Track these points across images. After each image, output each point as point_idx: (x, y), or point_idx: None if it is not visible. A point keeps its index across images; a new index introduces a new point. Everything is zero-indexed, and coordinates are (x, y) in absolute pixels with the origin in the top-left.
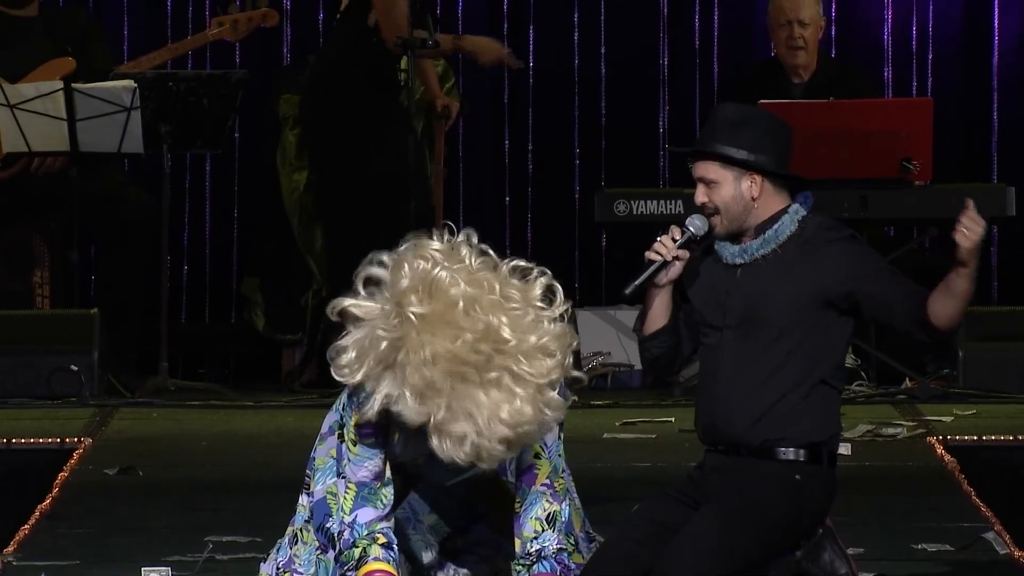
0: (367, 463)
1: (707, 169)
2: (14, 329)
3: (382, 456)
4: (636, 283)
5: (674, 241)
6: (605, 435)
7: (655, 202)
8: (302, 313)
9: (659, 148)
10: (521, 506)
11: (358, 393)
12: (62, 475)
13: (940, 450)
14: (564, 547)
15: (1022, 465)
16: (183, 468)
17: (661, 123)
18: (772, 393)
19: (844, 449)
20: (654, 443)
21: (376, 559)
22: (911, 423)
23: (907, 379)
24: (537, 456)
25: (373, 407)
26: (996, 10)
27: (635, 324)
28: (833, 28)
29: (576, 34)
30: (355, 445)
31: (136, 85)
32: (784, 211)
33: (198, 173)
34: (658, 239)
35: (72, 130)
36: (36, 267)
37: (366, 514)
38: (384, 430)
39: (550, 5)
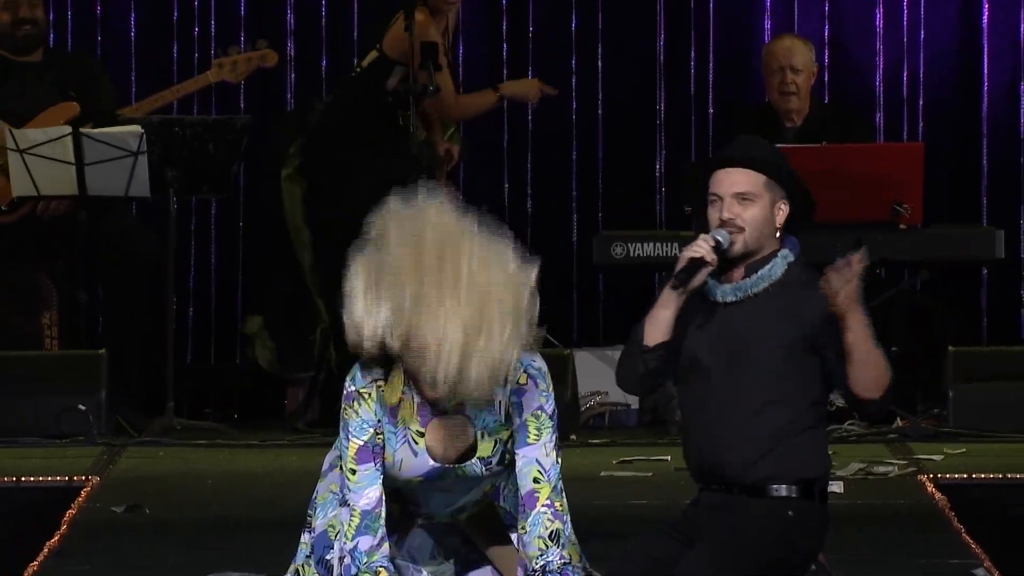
0: (368, 490)
1: (750, 183)
2: (24, 369)
3: (380, 483)
4: (682, 273)
5: (711, 245)
6: (603, 473)
7: (652, 244)
8: (312, 350)
9: (655, 192)
10: (525, 528)
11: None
12: (70, 512)
13: (931, 488)
14: (568, 561)
15: (1011, 503)
16: (189, 506)
17: (658, 167)
18: (763, 431)
19: (837, 487)
20: (650, 481)
21: None
22: (902, 462)
23: (898, 419)
24: (536, 480)
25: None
26: (986, 58)
27: (635, 333)
28: (826, 74)
29: (574, 79)
30: (354, 473)
31: (143, 130)
32: (775, 253)
33: (203, 217)
34: (696, 240)
35: (80, 174)
36: (45, 308)
37: (366, 542)
38: (380, 453)
39: (548, 50)
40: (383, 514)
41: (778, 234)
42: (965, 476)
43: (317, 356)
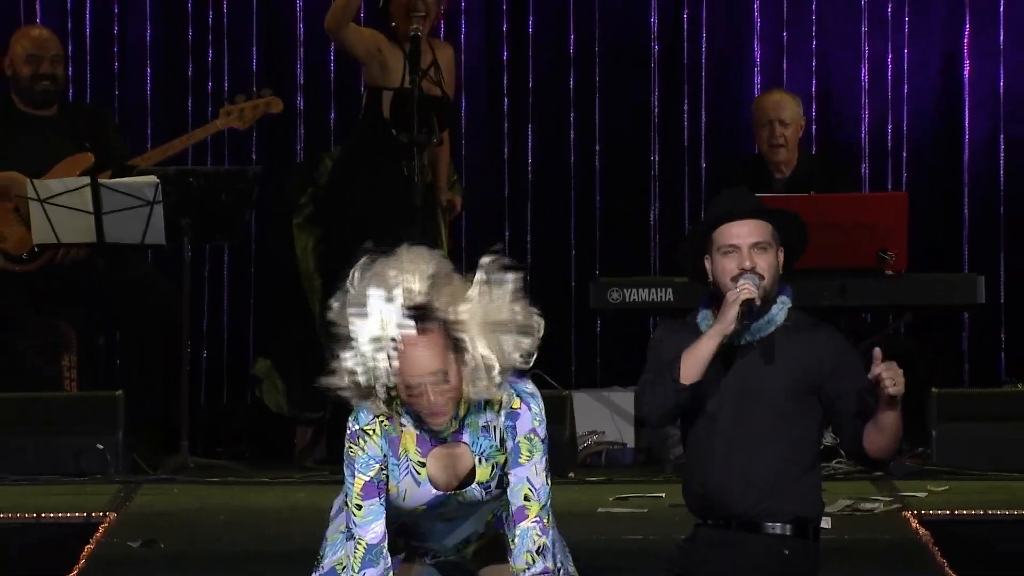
0: (373, 524)
1: (761, 232)
2: (44, 410)
3: (384, 518)
4: (742, 314)
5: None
6: (600, 509)
7: (646, 290)
8: (319, 392)
9: (650, 239)
10: (513, 542)
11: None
12: (88, 547)
13: (915, 524)
14: (550, 572)
15: (992, 538)
16: (203, 541)
17: (652, 216)
18: (765, 470)
19: (825, 523)
20: (646, 517)
21: None
22: (887, 498)
23: None
24: (527, 498)
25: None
26: (967, 111)
27: (672, 371)
28: (814, 126)
29: (572, 132)
30: (360, 508)
31: (158, 180)
32: (775, 299)
33: (216, 263)
34: (741, 285)
35: (98, 223)
36: (64, 352)
37: (372, 574)
38: (384, 488)
39: (548, 104)
40: (386, 547)
41: (778, 281)
42: (948, 513)
43: (324, 398)
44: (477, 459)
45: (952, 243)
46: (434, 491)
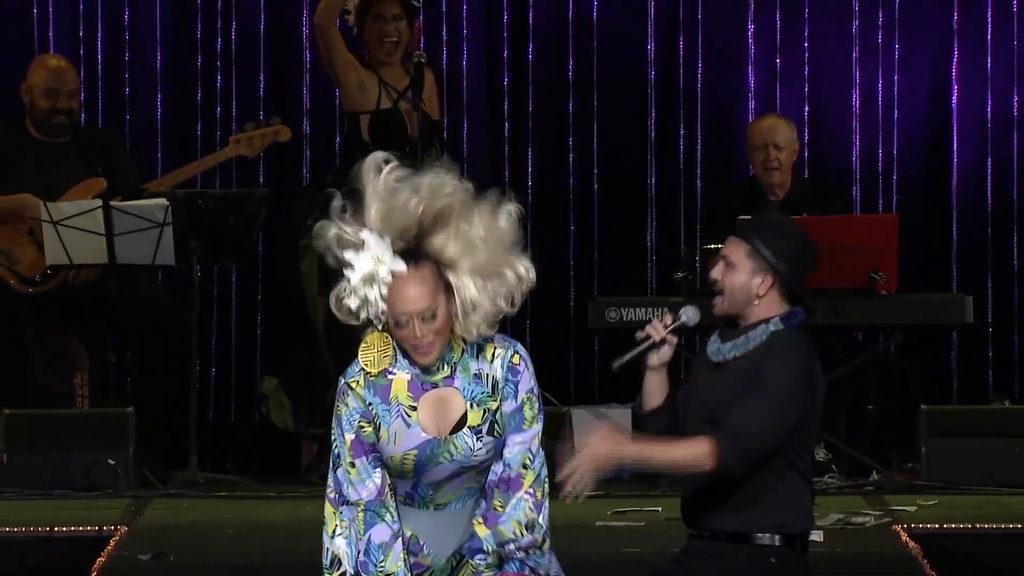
0: (368, 481)
1: (734, 251)
2: (57, 427)
3: (382, 471)
4: (625, 359)
5: (665, 326)
6: (598, 523)
7: (643, 310)
8: (324, 409)
9: (647, 260)
10: (503, 507)
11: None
12: (100, 560)
13: (905, 537)
14: (533, 551)
15: (980, 551)
16: (211, 554)
17: (649, 238)
18: (741, 485)
19: (817, 536)
20: (643, 530)
21: None
22: (878, 512)
23: (874, 472)
24: (525, 466)
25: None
26: (955, 136)
27: (635, 401)
28: (807, 151)
29: (571, 155)
30: (353, 467)
31: (168, 203)
32: (766, 321)
33: (225, 283)
34: (652, 321)
35: (110, 244)
36: (76, 370)
37: (379, 533)
38: (371, 447)
39: (547, 129)
40: (391, 500)
41: (757, 303)
42: (937, 526)
43: (329, 414)
44: (468, 404)
45: (941, 264)
46: (424, 434)
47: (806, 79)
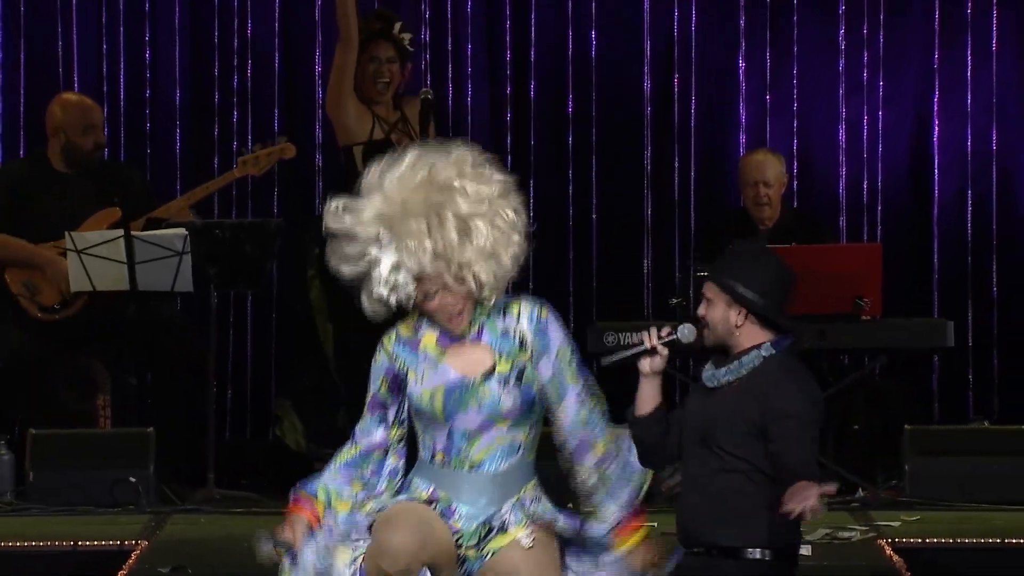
0: (372, 434)
1: (709, 288)
2: (81, 446)
3: (385, 431)
4: (615, 357)
5: (660, 337)
6: None
7: (640, 334)
8: (335, 429)
9: (643, 287)
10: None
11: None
12: (121, 573)
13: (889, 551)
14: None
15: (961, 564)
16: (228, 567)
17: (645, 265)
18: (731, 503)
19: (805, 550)
20: None
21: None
22: (864, 527)
23: (860, 489)
24: (586, 424)
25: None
26: (936, 169)
27: (628, 408)
28: (795, 182)
29: (571, 187)
30: (363, 417)
31: (187, 233)
32: (757, 347)
33: (240, 309)
34: (649, 329)
35: (131, 272)
36: (99, 392)
37: (349, 466)
38: (386, 409)
39: (548, 161)
40: (378, 467)
41: (738, 332)
42: (920, 541)
43: (339, 434)
44: (497, 355)
45: (923, 290)
46: (452, 371)
47: (795, 114)
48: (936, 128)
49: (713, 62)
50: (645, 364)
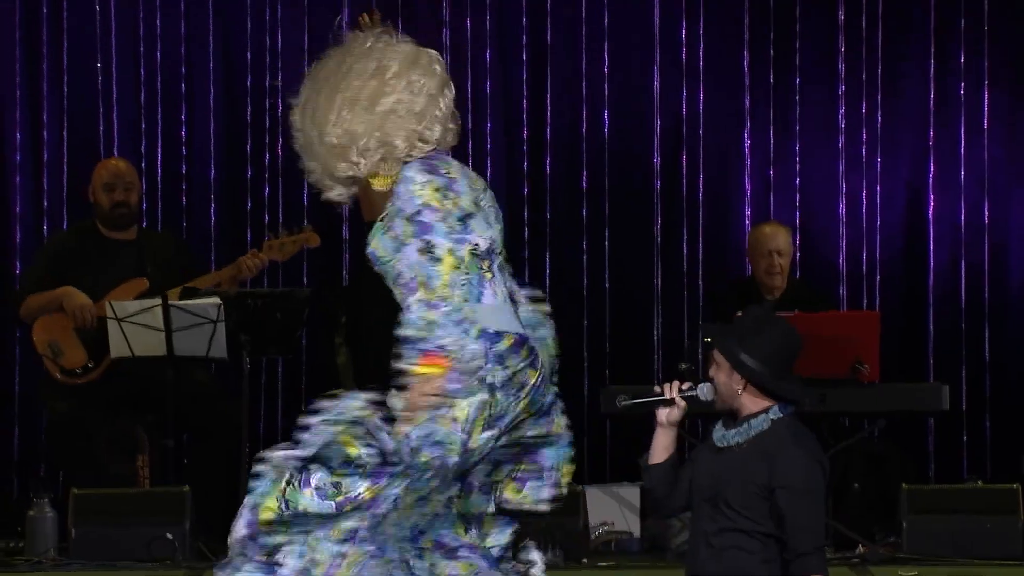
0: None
1: (716, 352)
2: (121, 504)
3: None
4: (632, 401)
5: (679, 390)
6: None
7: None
8: None
9: (654, 352)
10: None
11: None
12: None
13: None
14: None
15: None
16: None
17: (655, 331)
18: (738, 560)
19: None
20: None
21: None
22: None
23: (859, 545)
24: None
25: None
26: (931, 240)
27: (643, 455)
28: (798, 253)
29: (585, 257)
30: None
31: (221, 302)
32: (765, 410)
33: (272, 374)
34: (672, 381)
35: (168, 338)
36: (138, 453)
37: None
38: None
39: (563, 234)
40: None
41: (741, 396)
42: None
43: None
44: None
45: (919, 355)
46: None
47: (797, 188)
48: (931, 201)
49: (719, 139)
50: (662, 414)
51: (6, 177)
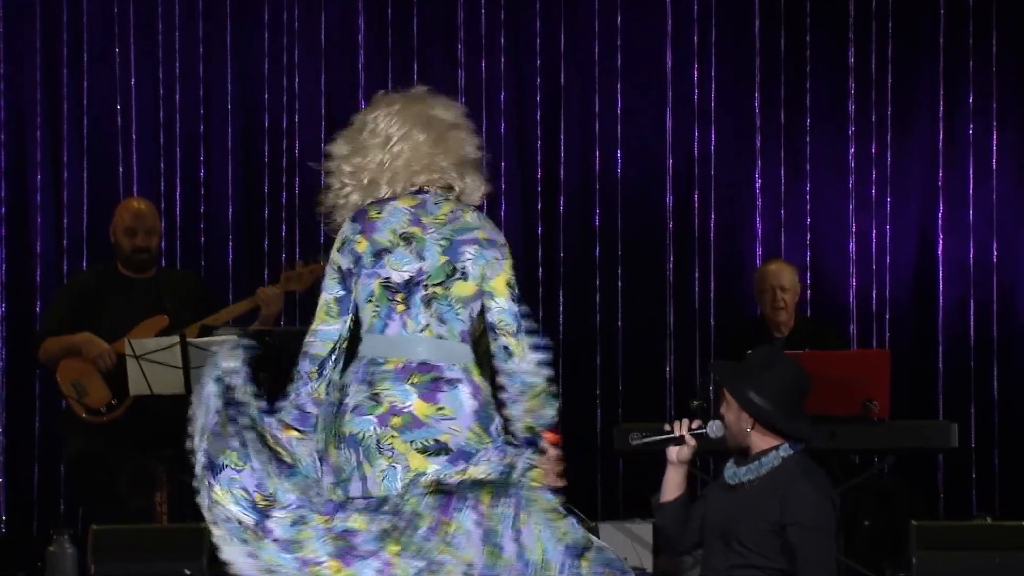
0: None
1: (726, 392)
2: (139, 539)
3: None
4: (643, 439)
5: (690, 429)
6: None
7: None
8: None
9: (666, 390)
10: None
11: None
12: None
13: None
14: None
15: None
16: None
17: (668, 370)
18: None
19: None
20: None
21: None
22: None
23: None
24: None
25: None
26: (940, 280)
27: (655, 495)
28: (808, 292)
29: (598, 296)
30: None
31: (238, 339)
32: (775, 448)
33: None
34: (682, 420)
35: (187, 376)
36: (157, 489)
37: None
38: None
39: (576, 273)
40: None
41: (750, 434)
42: None
43: None
44: None
45: (928, 394)
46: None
47: (807, 228)
48: (940, 241)
49: (730, 179)
50: (672, 452)
51: (27, 216)
